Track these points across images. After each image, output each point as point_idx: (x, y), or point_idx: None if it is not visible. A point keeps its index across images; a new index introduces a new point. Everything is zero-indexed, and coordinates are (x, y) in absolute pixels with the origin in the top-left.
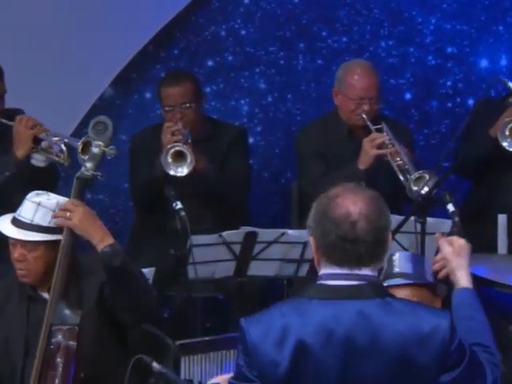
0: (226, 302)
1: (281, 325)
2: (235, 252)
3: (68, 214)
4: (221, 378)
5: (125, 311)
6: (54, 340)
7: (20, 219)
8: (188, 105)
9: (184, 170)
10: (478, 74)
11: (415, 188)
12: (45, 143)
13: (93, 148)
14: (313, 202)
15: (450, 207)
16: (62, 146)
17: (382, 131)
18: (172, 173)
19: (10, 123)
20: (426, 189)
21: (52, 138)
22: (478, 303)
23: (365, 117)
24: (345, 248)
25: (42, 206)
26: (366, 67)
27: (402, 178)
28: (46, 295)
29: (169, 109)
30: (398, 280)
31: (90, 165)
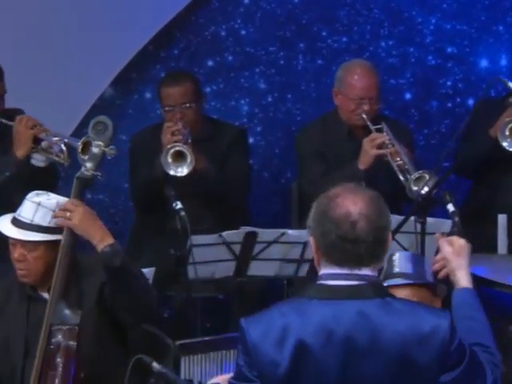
0: (225, 302)
1: (281, 325)
2: (235, 252)
3: (68, 214)
4: (221, 378)
5: (125, 311)
6: (53, 340)
7: (20, 219)
8: (188, 105)
9: (184, 170)
10: (478, 74)
11: (415, 188)
12: (45, 143)
13: (93, 148)
14: (313, 202)
15: (450, 207)
16: (62, 146)
17: (381, 131)
18: (172, 173)
19: (10, 123)
20: (425, 189)
21: (52, 138)
22: (478, 303)
23: (365, 117)
24: (345, 248)
25: (41, 205)
26: (366, 67)
27: (401, 177)
28: (46, 295)
29: (169, 109)
30: (398, 280)
31: (89, 165)
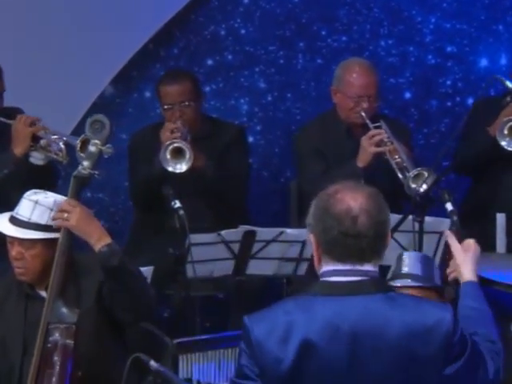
0: (224, 300)
1: (285, 322)
2: (234, 251)
3: (65, 215)
4: None
5: (123, 310)
6: (51, 338)
7: (18, 217)
8: (187, 103)
9: (183, 167)
10: (478, 74)
11: (413, 185)
12: (43, 141)
13: (90, 146)
14: (312, 201)
15: (449, 206)
16: (61, 144)
17: (380, 129)
18: (171, 169)
19: (8, 121)
20: (424, 186)
21: (51, 136)
22: (479, 294)
23: (363, 115)
24: (347, 243)
25: (39, 204)
26: (365, 65)
27: (400, 175)
28: (44, 293)
29: (168, 107)
30: (406, 281)
31: (87, 163)
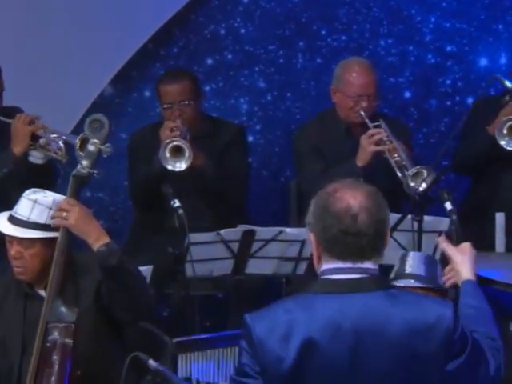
0: (223, 300)
1: (286, 321)
2: (233, 250)
3: (64, 214)
4: None
5: (122, 310)
6: (50, 337)
7: (17, 216)
8: (187, 102)
9: (182, 165)
10: (478, 73)
11: (412, 184)
12: (43, 140)
13: (89, 146)
14: (311, 200)
15: (448, 205)
16: (60, 143)
17: (379, 128)
18: (170, 168)
19: (8, 120)
20: (423, 185)
21: (50, 135)
22: (479, 292)
23: (363, 114)
24: (347, 241)
25: (38, 203)
26: (364, 65)
27: (399, 174)
28: (43, 292)
29: (167, 106)
30: (409, 281)
31: (85, 163)
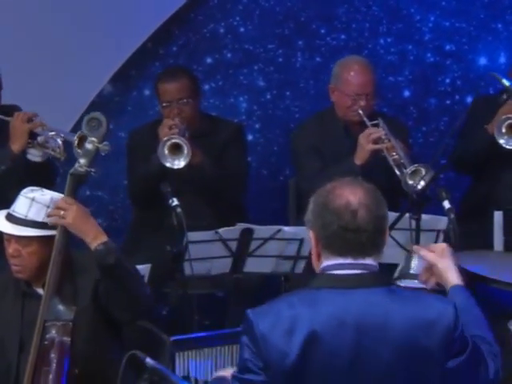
0: (222, 298)
1: (290, 316)
2: (231, 249)
3: (62, 213)
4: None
5: (119, 308)
6: (47, 336)
7: (14, 215)
8: (185, 100)
9: (181, 163)
10: (477, 72)
11: (411, 182)
12: (41, 138)
13: (86, 144)
14: (310, 199)
15: (446, 204)
16: (59, 140)
17: (378, 127)
18: (169, 165)
19: (6, 118)
20: (422, 183)
21: (48, 132)
22: (470, 297)
23: (361, 113)
24: (346, 237)
25: (36, 201)
26: (363, 63)
27: (398, 172)
28: (41, 291)
29: (166, 104)
30: (413, 282)
31: (83, 161)
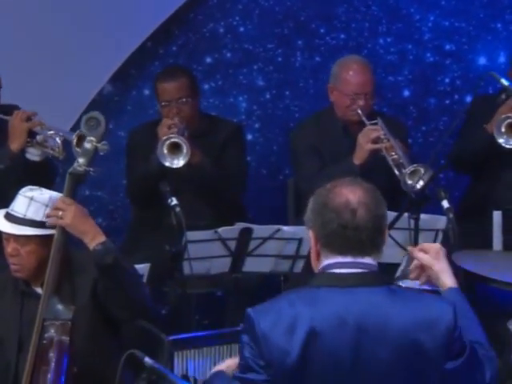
0: (221, 298)
1: (290, 314)
2: (230, 248)
3: (60, 213)
4: (226, 364)
5: (118, 308)
6: (46, 335)
7: (13, 214)
8: (184, 100)
9: (180, 162)
10: (476, 72)
11: (410, 182)
12: (40, 137)
13: (85, 143)
14: (309, 198)
15: (445, 204)
16: (57, 139)
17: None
18: (168, 164)
19: (5, 117)
20: (420, 183)
21: (47, 131)
22: (465, 301)
23: (360, 112)
24: (346, 235)
25: (34, 200)
26: (362, 63)
27: (397, 172)
28: (40, 290)
29: (165, 104)
30: (415, 283)
31: (82, 160)
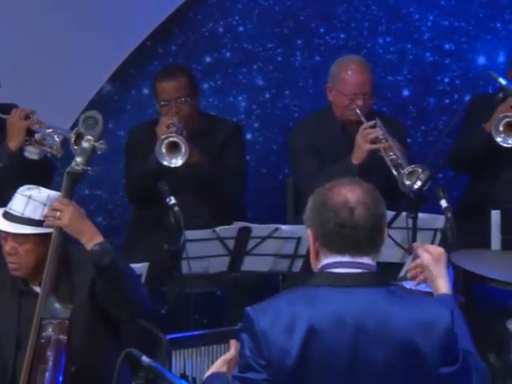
0: (219, 297)
1: (289, 313)
2: (229, 247)
3: (58, 214)
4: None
5: (115, 308)
6: (44, 334)
7: (11, 212)
8: (183, 99)
9: (178, 161)
10: (476, 71)
11: (408, 182)
12: (38, 135)
13: (83, 142)
14: (307, 198)
15: (443, 203)
16: (56, 137)
17: (375, 127)
18: (166, 163)
19: (4, 116)
20: (418, 183)
21: (45, 129)
22: (457, 309)
23: (358, 112)
24: (343, 234)
25: (32, 199)
26: (360, 63)
27: (395, 172)
28: (38, 289)
29: (164, 103)
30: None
31: (80, 159)
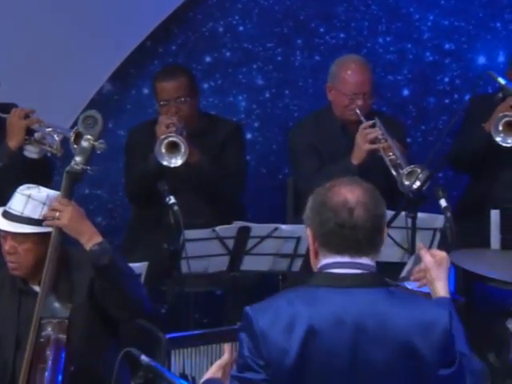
0: (219, 296)
1: (289, 313)
2: (228, 247)
3: (57, 214)
4: (212, 371)
5: (115, 308)
6: (43, 333)
7: (10, 212)
8: (183, 99)
9: (178, 161)
10: (476, 71)
11: (407, 182)
12: (38, 134)
13: (82, 142)
14: (307, 197)
15: (443, 202)
16: (56, 136)
17: (374, 126)
18: (165, 163)
19: (4, 115)
20: (417, 183)
21: (45, 129)
22: (454, 312)
23: (358, 112)
24: (343, 234)
25: (32, 198)
26: (360, 62)
27: (394, 172)
28: (37, 288)
29: (164, 103)
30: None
31: (79, 159)
